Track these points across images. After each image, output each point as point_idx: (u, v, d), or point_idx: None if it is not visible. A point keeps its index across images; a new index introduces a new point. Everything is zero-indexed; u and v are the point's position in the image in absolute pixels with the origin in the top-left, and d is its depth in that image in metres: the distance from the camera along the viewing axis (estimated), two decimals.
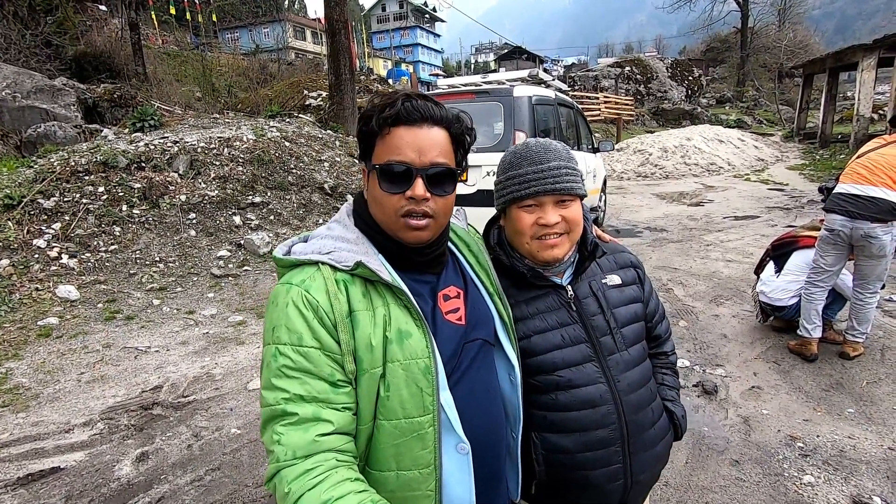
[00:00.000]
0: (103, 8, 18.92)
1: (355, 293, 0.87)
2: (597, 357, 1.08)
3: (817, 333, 3.41)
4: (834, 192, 3.27)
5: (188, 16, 22.13)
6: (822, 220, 3.73)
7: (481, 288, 1.04)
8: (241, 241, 5.86)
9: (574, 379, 1.06)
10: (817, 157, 14.19)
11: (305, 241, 0.94)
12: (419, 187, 0.88)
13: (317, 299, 0.83)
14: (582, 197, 1.08)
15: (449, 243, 1.04)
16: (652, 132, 18.01)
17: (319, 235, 0.94)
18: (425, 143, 0.89)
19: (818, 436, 2.66)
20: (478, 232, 1.18)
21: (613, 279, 1.15)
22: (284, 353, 0.81)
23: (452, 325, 0.94)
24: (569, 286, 1.12)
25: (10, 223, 5.03)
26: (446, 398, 0.88)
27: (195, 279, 5.15)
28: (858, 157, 3.26)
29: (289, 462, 0.77)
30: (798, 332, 3.50)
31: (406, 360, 0.85)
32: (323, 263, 0.87)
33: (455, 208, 1.02)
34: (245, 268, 5.48)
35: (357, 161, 8.29)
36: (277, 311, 0.85)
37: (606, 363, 1.08)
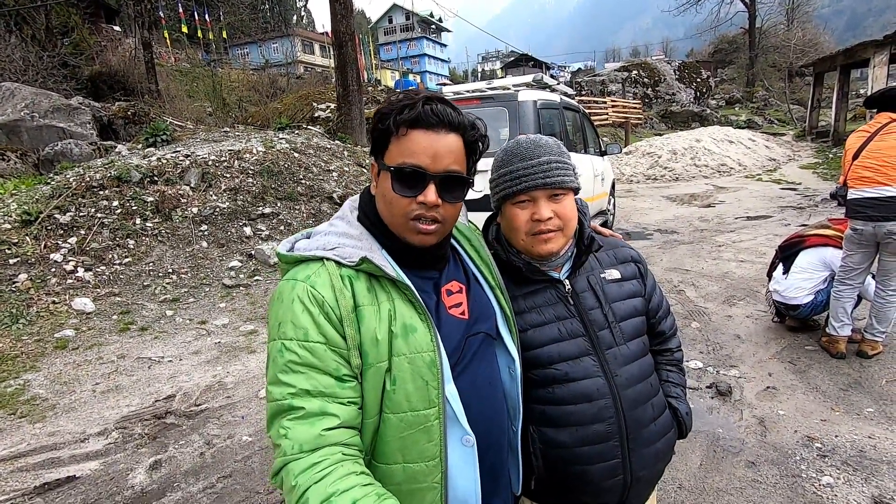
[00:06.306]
0: (118, 28, 19.47)
1: (360, 288, 0.87)
2: (594, 351, 1.07)
3: (845, 332, 3.38)
4: (850, 199, 3.27)
5: (199, 33, 22.65)
6: (830, 220, 3.77)
7: (483, 282, 1.04)
8: (252, 252, 5.92)
9: (571, 372, 1.05)
10: (830, 155, 13.97)
11: (308, 238, 0.95)
12: (431, 193, 0.87)
13: (322, 295, 0.84)
14: (576, 190, 1.08)
15: (451, 239, 1.04)
16: (661, 135, 17.90)
17: (323, 232, 0.95)
18: (441, 149, 0.88)
19: (837, 436, 2.59)
20: (478, 228, 1.19)
21: (612, 273, 1.15)
22: (290, 349, 0.82)
23: (456, 319, 0.94)
24: (566, 280, 1.12)
25: (27, 238, 5.15)
26: (451, 391, 0.88)
27: (207, 290, 5.21)
28: (854, 156, 3.26)
29: (295, 456, 0.78)
30: (826, 329, 3.48)
31: (411, 353, 0.85)
32: (327, 259, 0.88)
33: None
34: (256, 278, 5.54)
35: (365, 168, 8.36)
36: (283, 307, 0.85)
37: (604, 357, 1.07)
